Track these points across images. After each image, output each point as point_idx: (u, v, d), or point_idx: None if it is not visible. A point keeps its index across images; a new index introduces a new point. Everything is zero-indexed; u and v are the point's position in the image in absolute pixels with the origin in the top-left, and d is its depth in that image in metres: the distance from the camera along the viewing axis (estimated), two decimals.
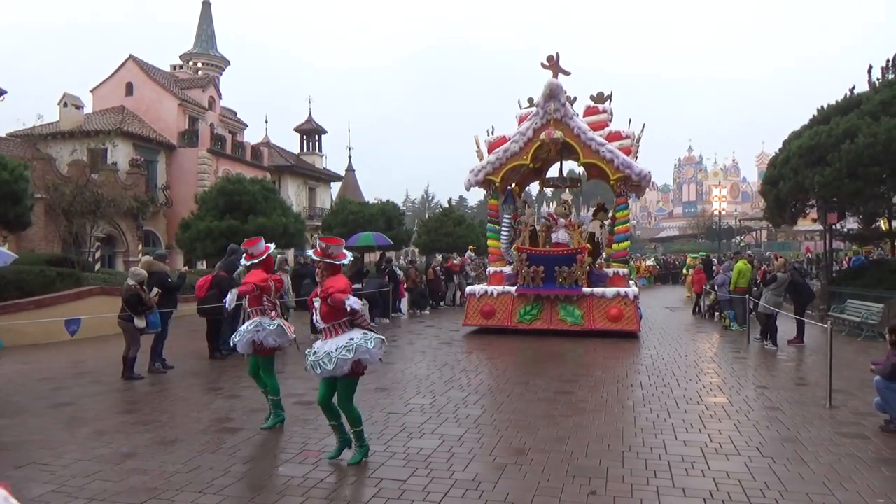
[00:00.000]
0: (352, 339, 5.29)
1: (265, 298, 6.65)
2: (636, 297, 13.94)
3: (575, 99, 15.09)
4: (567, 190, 17.08)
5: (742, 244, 53.60)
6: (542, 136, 14.23)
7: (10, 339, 11.64)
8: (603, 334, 13.39)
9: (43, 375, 9.61)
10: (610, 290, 13.85)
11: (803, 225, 33.92)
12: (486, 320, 14.36)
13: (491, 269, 15.53)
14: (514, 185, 16.33)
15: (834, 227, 18.56)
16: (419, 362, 10.72)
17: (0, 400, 7.94)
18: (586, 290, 13.85)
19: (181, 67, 39.62)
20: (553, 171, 17.03)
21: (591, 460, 5.54)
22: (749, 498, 4.71)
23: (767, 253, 28.82)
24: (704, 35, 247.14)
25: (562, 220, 15.11)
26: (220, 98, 37.61)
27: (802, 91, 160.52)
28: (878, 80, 19.28)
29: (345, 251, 5.77)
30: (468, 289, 15.83)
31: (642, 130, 14.63)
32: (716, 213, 56.73)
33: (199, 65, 41.68)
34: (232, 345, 6.87)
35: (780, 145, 19.22)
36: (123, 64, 33.66)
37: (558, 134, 14.07)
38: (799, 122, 21.79)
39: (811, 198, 17.81)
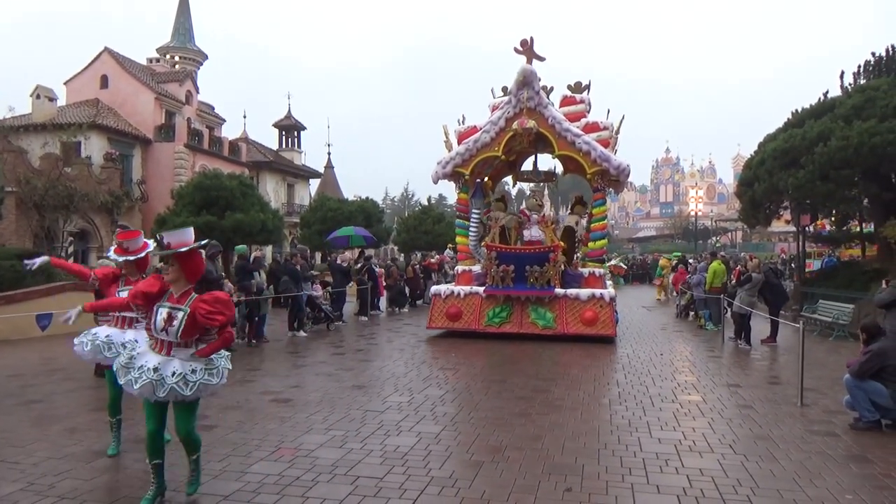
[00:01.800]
0: (211, 359, 4.51)
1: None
2: (612, 300, 13.15)
3: (552, 89, 14.35)
4: (546, 185, 16.53)
5: (718, 245, 54.26)
6: (515, 125, 13.33)
7: None
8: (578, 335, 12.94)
9: (12, 372, 9.43)
10: (584, 292, 13.05)
11: (777, 226, 34.50)
12: (452, 323, 13.57)
13: (459, 268, 14.68)
14: (486, 178, 15.52)
15: (807, 228, 18.92)
16: (397, 360, 10.70)
17: None
18: (559, 291, 13.08)
19: (158, 61, 39.05)
20: (528, 165, 16.26)
21: (567, 458, 5.58)
22: (722, 494, 4.77)
23: (742, 254, 29.20)
24: (684, 38, 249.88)
25: (534, 216, 14.39)
26: (198, 92, 37.15)
27: (778, 95, 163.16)
28: (850, 85, 19.69)
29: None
30: (433, 289, 14.82)
31: (621, 122, 13.85)
32: (692, 213, 57.50)
33: (177, 58, 41.11)
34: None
35: (756, 148, 19.54)
36: (98, 56, 33.05)
37: (531, 123, 13.16)
38: (774, 125, 22.17)
39: (785, 199, 18.13)
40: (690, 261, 22.71)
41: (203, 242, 4.57)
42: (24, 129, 28.00)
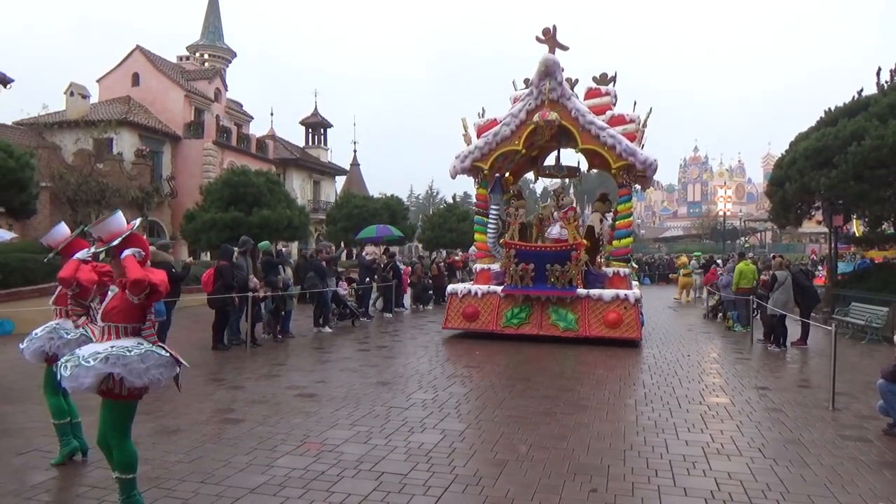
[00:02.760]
0: (113, 346, 3.93)
1: (72, 299, 5.46)
2: (637, 301, 12.49)
3: (576, 81, 13.69)
4: (571, 182, 16.05)
5: (747, 245, 53.42)
6: (536, 118, 12.71)
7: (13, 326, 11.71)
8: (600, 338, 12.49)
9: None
10: (608, 293, 12.46)
11: (808, 227, 33.82)
12: (469, 323, 13.08)
13: (477, 266, 14.20)
14: (507, 174, 14.95)
15: (839, 229, 18.52)
16: (421, 357, 10.71)
17: (2, 387, 7.99)
18: (581, 291, 12.49)
19: (188, 59, 39.66)
20: (551, 160, 15.61)
21: (593, 458, 5.53)
22: (750, 498, 4.69)
23: (771, 255, 28.63)
24: (713, 39, 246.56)
25: (556, 214, 13.80)
26: (226, 90, 37.63)
27: (810, 94, 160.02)
28: (886, 82, 19.18)
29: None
30: (450, 287, 14.22)
31: (648, 115, 13.12)
32: (720, 213, 56.70)
33: (206, 56, 41.71)
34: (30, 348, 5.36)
35: (787, 147, 19.15)
36: (130, 54, 33.69)
37: (553, 115, 12.53)
38: (806, 123, 21.72)
39: (817, 200, 17.75)
40: (718, 261, 22.39)
41: (136, 223, 4.36)
42: (58, 125, 28.66)
